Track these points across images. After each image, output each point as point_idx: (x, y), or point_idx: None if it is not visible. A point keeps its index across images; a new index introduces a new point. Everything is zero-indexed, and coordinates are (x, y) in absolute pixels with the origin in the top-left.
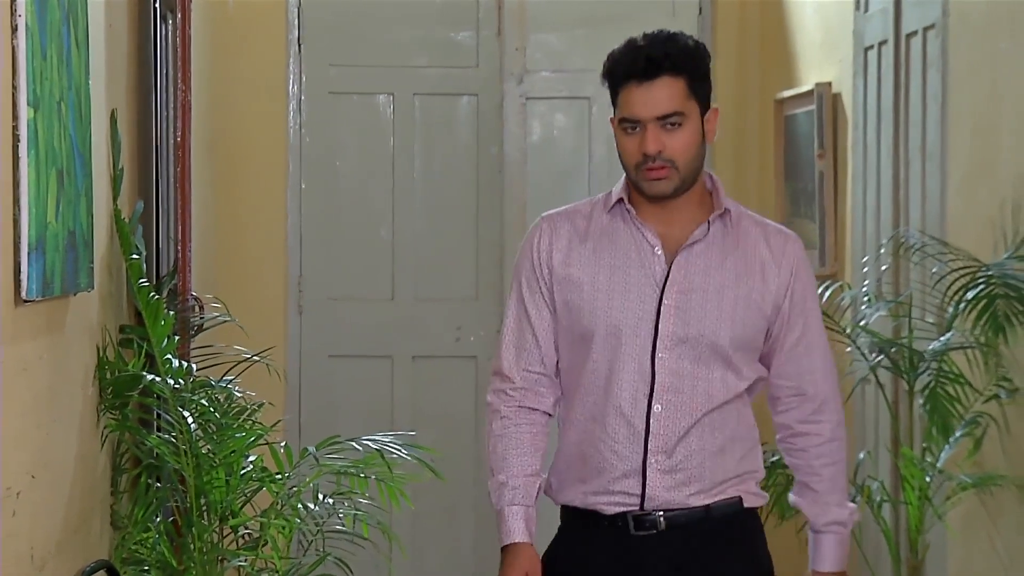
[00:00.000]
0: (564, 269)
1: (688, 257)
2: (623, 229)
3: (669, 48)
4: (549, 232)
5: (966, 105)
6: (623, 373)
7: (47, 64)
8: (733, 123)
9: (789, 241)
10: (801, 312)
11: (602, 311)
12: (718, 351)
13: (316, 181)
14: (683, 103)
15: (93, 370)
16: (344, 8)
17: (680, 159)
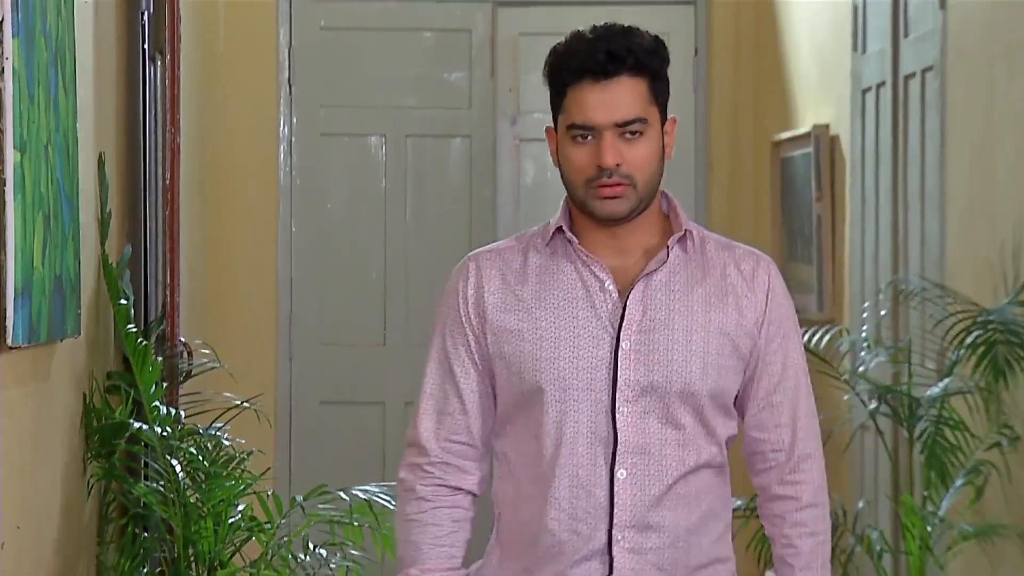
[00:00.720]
0: (500, 316)
1: (646, 290)
2: (566, 264)
3: (631, 42)
4: (477, 274)
5: (965, 147)
6: (578, 434)
7: (34, 107)
8: (728, 165)
9: (761, 263)
10: (780, 348)
11: (548, 363)
12: (690, 400)
13: (307, 224)
14: (645, 108)
15: (79, 417)
16: (335, 49)
17: (639, 175)
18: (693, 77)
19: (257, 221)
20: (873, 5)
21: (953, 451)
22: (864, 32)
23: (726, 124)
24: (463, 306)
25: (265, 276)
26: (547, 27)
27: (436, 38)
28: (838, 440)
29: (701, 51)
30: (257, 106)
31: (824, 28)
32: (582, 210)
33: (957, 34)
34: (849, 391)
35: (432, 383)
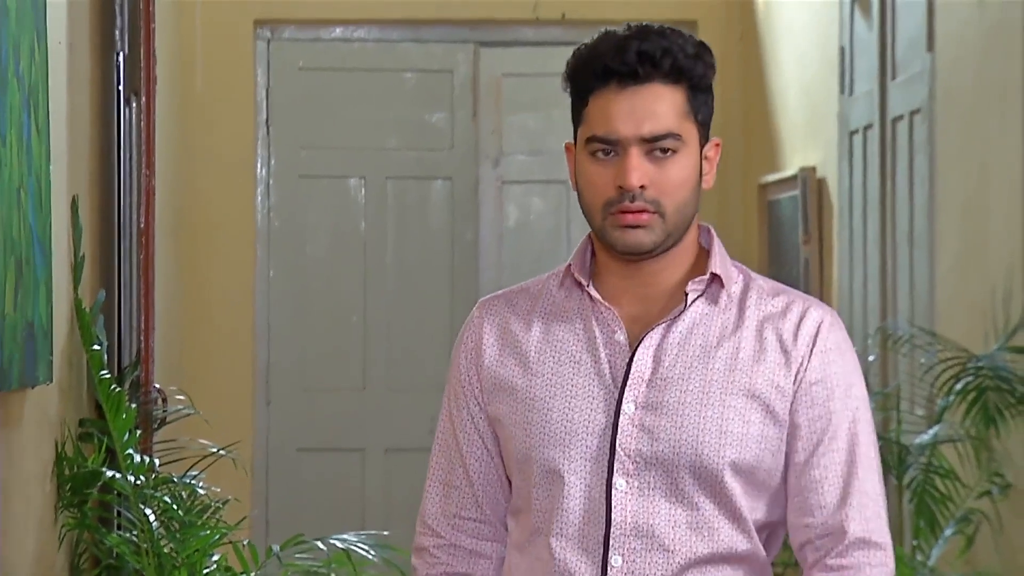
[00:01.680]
0: (495, 371)
1: (661, 342)
2: (575, 310)
3: (670, 42)
4: (479, 324)
5: (954, 190)
6: (568, 512)
7: (6, 150)
8: (715, 207)
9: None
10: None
11: (538, 426)
12: (705, 476)
13: (285, 267)
14: (680, 123)
15: (51, 466)
16: (314, 89)
17: (668, 201)
18: None
19: (234, 264)
20: (861, 47)
21: (943, 500)
22: (852, 74)
23: None
24: (464, 362)
25: (242, 320)
26: (530, 68)
27: (417, 79)
28: None
29: None
30: (234, 148)
31: (811, 70)
32: (601, 242)
33: (945, 76)
34: None
35: (438, 451)
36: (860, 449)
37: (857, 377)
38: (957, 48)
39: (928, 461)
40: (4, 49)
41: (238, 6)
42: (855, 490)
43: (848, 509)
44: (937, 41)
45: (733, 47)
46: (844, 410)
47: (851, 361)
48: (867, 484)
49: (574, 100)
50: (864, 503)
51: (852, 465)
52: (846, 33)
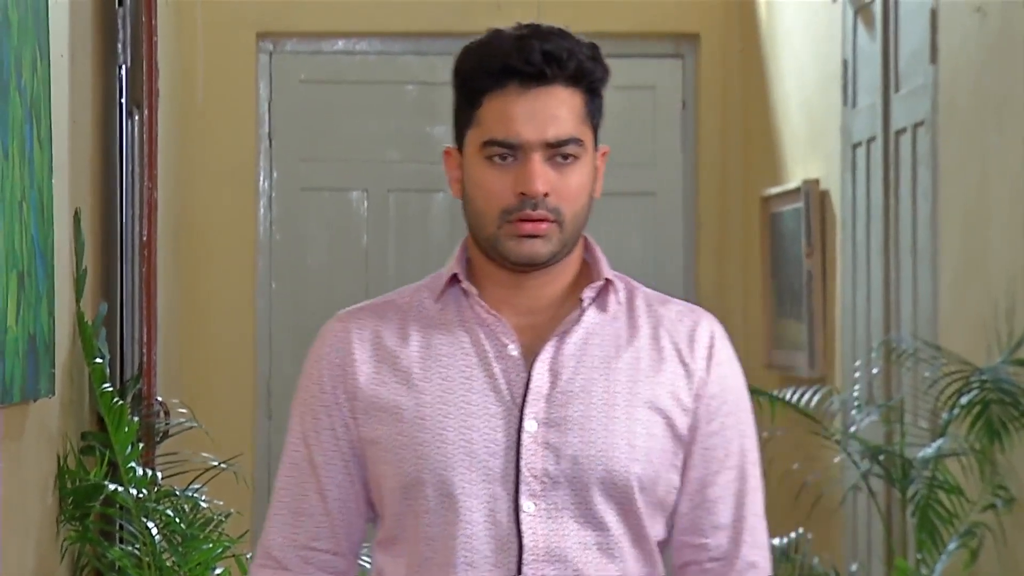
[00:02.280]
0: (372, 390)
1: (557, 355)
2: (459, 322)
3: (571, 44)
4: (345, 337)
5: (957, 203)
6: (472, 539)
7: (8, 163)
8: (717, 221)
9: (703, 322)
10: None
11: (431, 448)
12: (615, 493)
13: (286, 280)
14: (581, 128)
15: (53, 479)
16: (316, 102)
17: (568, 210)
18: (680, 131)
19: (235, 277)
20: (863, 59)
21: (947, 514)
22: (854, 86)
23: (714, 179)
24: (328, 379)
25: (244, 333)
26: None
27: (419, 91)
28: (829, 501)
29: (689, 105)
30: (236, 160)
31: (814, 82)
32: (489, 253)
33: (949, 89)
34: (840, 452)
35: (288, 476)
36: (750, 468)
37: (745, 391)
38: (960, 60)
39: (932, 475)
40: (6, 62)
41: (240, 19)
42: (748, 512)
43: (743, 533)
44: (940, 53)
45: (735, 59)
46: (737, 425)
47: (740, 375)
48: (757, 506)
49: (462, 101)
50: (755, 526)
51: (744, 484)
52: (849, 45)
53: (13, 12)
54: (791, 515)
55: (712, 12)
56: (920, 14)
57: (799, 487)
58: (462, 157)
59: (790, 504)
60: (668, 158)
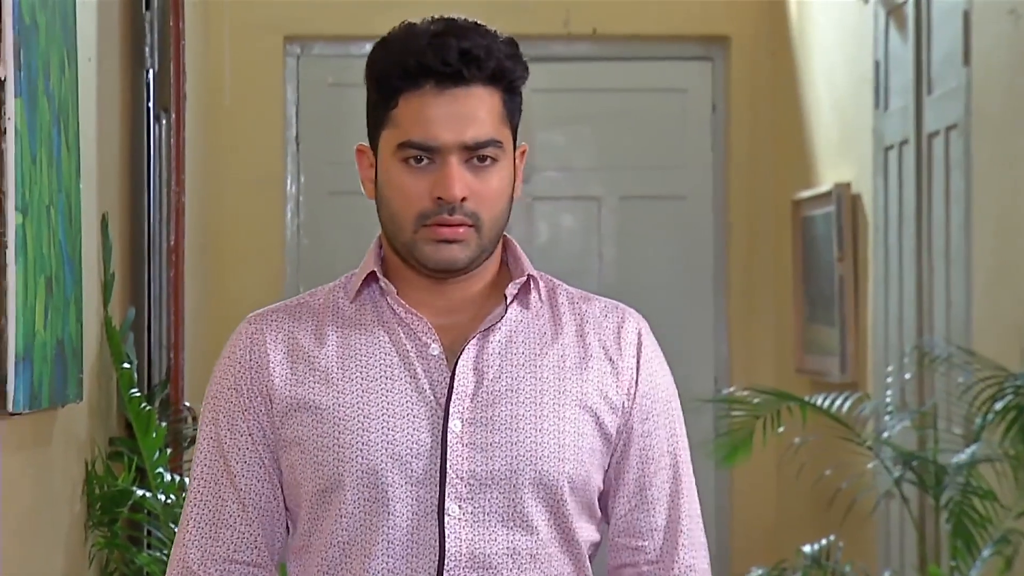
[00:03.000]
0: (290, 391)
1: (481, 353)
2: (376, 321)
3: (488, 42)
4: (259, 339)
5: (990, 207)
6: (392, 545)
7: (36, 167)
8: (747, 225)
9: (629, 319)
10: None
11: (353, 449)
12: (545, 494)
13: (314, 284)
14: (500, 129)
15: (81, 485)
16: (343, 105)
17: (486, 214)
18: (711, 134)
19: (263, 281)
20: (895, 61)
21: (981, 520)
22: (886, 89)
23: (745, 182)
24: (243, 381)
25: None
26: (561, 84)
27: None
28: (862, 508)
29: (719, 108)
30: (264, 164)
31: (845, 85)
32: (406, 257)
33: (982, 91)
34: (873, 458)
35: (202, 486)
36: (683, 468)
37: (673, 389)
38: (994, 63)
39: (966, 481)
40: (34, 66)
41: (268, 22)
42: (683, 513)
43: (679, 536)
44: (973, 55)
45: (766, 63)
46: (669, 424)
47: (667, 372)
48: (693, 506)
49: (376, 100)
50: (692, 527)
51: (678, 484)
52: (880, 47)
53: (41, 16)
54: (823, 522)
55: (743, 14)
56: (953, 16)
57: (831, 494)
58: (376, 157)
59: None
60: (698, 161)
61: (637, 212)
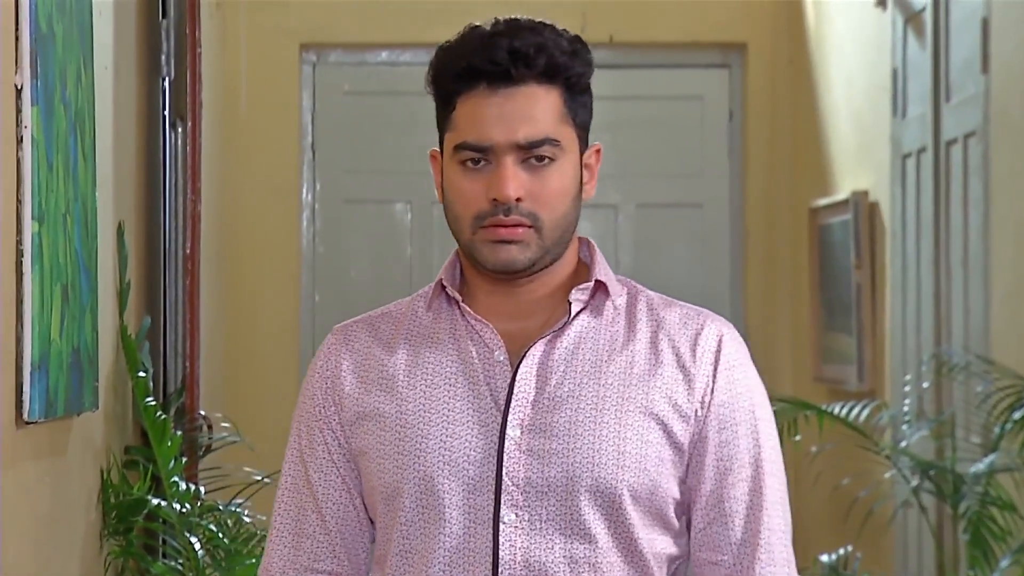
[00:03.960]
0: (358, 399)
1: (545, 359)
2: (449, 329)
3: (543, 38)
4: (337, 350)
5: (1009, 214)
6: (447, 552)
7: (53, 176)
8: (765, 232)
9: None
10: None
11: (411, 456)
12: (604, 502)
13: (330, 293)
14: (558, 127)
15: (96, 493)
16: (359, 113)
17: (547, 214)
18: (728, 142)
19: (279, 290)
20: (913, 69)
21: (1000, 531)
22: (904, 96)
23: (762, 190)
24: (319, 392)
25: (287, 346)
26: None
27: None
28: (879, 517)
29: (736, 115)
30: (279, 172)
31: (863, 92)
32: (470, 259)
33: (1000, 99)
34: (891, 467)
35: (286, 496)
36: (767, 480)
37: (761, 396)
38: (1012, 70)
39: (984, 491)
40: (51, 75)
41: (284, 30)
42: (763, 527)
43: (758, 550)
44: (992, 63)
45: (783, 69)
46: (751, 434)
47: (755, 379)
48: (775, 520)
49: (439, 104)
50: (772, 542)
51: (759, 497)
52: (898, 55)
53: (58, 25)
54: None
55: (759, 21)
56: (971, 23)
57: (849, 503)
58: (442, 161)
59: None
60: (715, 169)
61: (654, 220)
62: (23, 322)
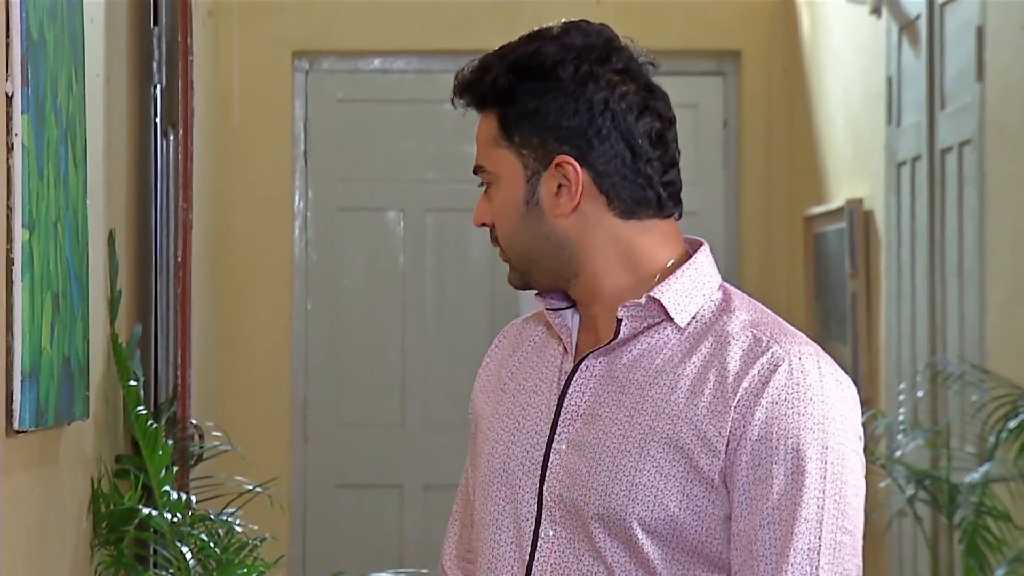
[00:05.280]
0: (478, 401)
1: (600, 372)
2: (550, 337)
3: (488, 62)
4: (492, 350)
5: (1005, 223)
6: (496, 560)
7: (44, 184)
8: (760, 241)
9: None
10: (770, 476)
11: (485, 460)
12: (615, 530)
13: (323, 301)
14: (487, 153)
15: (87, 503)
16: (352, 121)
17: (502, 238)
18: (723, 150)
19: (271, 298)
20: (908, 77)
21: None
22: (899, 105)
23: (757, 198)
24: (474, 387)
25: (279, 355)
26: None
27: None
28: (874, 527)
29: (731, 123)
30: (272, 180)
31: (858, 100)
32: None
33: (996, 107)
34: (886, 476)
35: (460, 487)
36: (802, 526)
37: (816, 435)
38: (1008, 78)
39: (979, 500)
40: (42, 82)
41: (276, 37)
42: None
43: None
44: (987, 71)
45: (778, 77)
46: (791, 475)
47: (811, 417)
48: (803, 568)
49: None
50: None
51: (789, 542)
52: (893, 63)
53: (49, 32)
54: None
55: (754, 29)
56: (967, 31)
57: None
58: None
59: None
60: (710, 177)
61: None
62: (13, 331)
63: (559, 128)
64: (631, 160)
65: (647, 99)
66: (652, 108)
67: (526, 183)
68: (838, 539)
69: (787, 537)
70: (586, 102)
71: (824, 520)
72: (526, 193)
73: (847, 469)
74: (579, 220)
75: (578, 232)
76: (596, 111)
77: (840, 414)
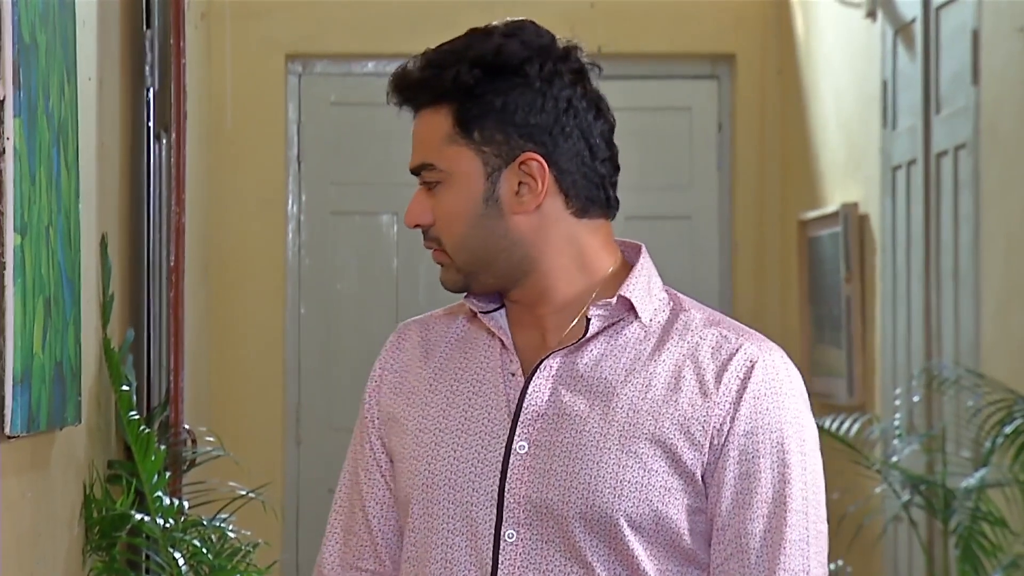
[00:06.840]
0: (390, 401)
1: (558, 372)
2: (478, 338)
3: (436, 56)
4: (390, 350)
5: (1000, 227)
6: (446, 564)
7: (35, 188)
8: (754, 245)
9: (745, 350)
10: (757, 470)
11: (423, 463)
12: (599, 529)
13: (316, 305)
14: (439, 150)
15: (79, 508)
16: (346, 124)
17: (446, 239)
18: (716, 153)
19: (264, 302)
20: (904, 80)
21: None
22: (894, 108)
23: (751, 202)
24: (369, 390)
25: (272, 359)
26: None
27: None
28: (870, 532)
29: (725, 127)
30: (265, 184)
31: (852, 104)
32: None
33: (991, 111)
34: (881, 481)
35: (342, 493)
36: (791, 519)
37: (796, 429)
38: (1003, 82)
39: (975, 506)
40: (34, 86)
41: (269, 40)
42: (780, 567)
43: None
44: (982, 75)
45: (772, 81)
46: (776, 468)
47: (791, 411)
48: (793, 561)
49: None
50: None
51: (779, 535)
52: (888, 66)
53: (41, 35)
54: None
55: (749, 32)
56: (962, 34)
57: (839, 517)
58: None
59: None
60: (704, 180)
61: (642, 232)
62: (5, 335)
63: (526, 125)
64: (589, 159)
65: (599, 100)
66: (603, 109)
67: (486, 180)
68: (819, 528)
69: (780, 529)
70: (552, 99)
71: (808, 511)
72: (485, 191)
73: (817, 461)
74: (538, 218)
75: (534, 231)
76: (561, 109)
77: (806, 407)
